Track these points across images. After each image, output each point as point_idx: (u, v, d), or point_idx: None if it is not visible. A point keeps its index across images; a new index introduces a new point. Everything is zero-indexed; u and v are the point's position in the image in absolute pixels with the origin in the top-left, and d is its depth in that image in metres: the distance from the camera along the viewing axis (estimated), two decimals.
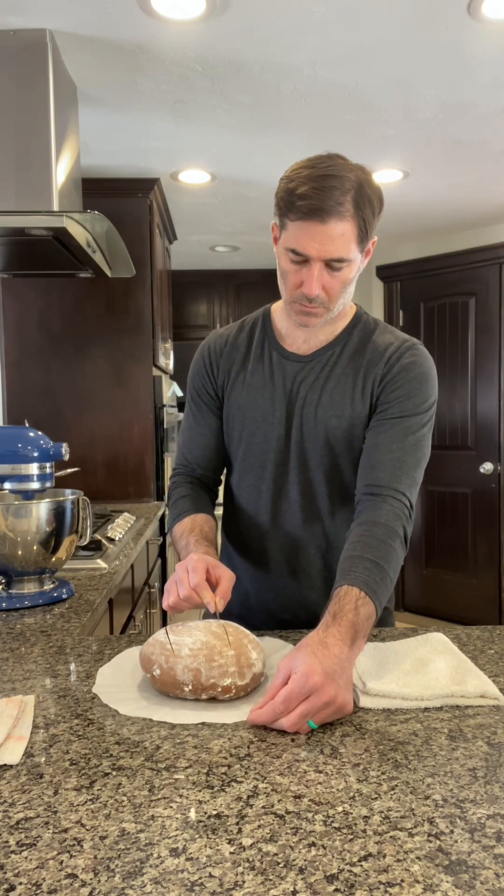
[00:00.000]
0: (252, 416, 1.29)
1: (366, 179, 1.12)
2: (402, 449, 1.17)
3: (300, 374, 1.27)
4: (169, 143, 2.68)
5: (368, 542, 1.07)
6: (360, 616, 0.95)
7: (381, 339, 1.26)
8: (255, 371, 1.30)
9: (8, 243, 2.10)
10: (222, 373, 1.34)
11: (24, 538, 1.38)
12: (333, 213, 1.08)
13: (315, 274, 1.13)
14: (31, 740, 0.82)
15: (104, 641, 1.17)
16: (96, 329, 3.08)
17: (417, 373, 1.22)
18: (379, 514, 1.11)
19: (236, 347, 1.34)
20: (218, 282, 4.84)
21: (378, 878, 0.58)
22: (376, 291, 4.64)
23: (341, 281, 1.15)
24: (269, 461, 1.29)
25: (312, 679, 0.83)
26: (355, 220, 1.10)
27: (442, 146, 2.77)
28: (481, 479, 4.16)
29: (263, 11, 1.81)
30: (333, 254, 1.11)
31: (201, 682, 0.90)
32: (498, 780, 0.72)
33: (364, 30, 1.91)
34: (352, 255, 1.13)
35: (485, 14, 1.84)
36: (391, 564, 1.06)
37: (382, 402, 1.22)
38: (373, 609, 0.98)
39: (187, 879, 0.57)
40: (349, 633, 0.92)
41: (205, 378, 1.35)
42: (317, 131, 2.59)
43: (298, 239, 1.11)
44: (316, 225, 1.09)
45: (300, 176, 1.10)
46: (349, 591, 0.98)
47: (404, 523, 1.13)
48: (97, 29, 1.89)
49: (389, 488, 1.15)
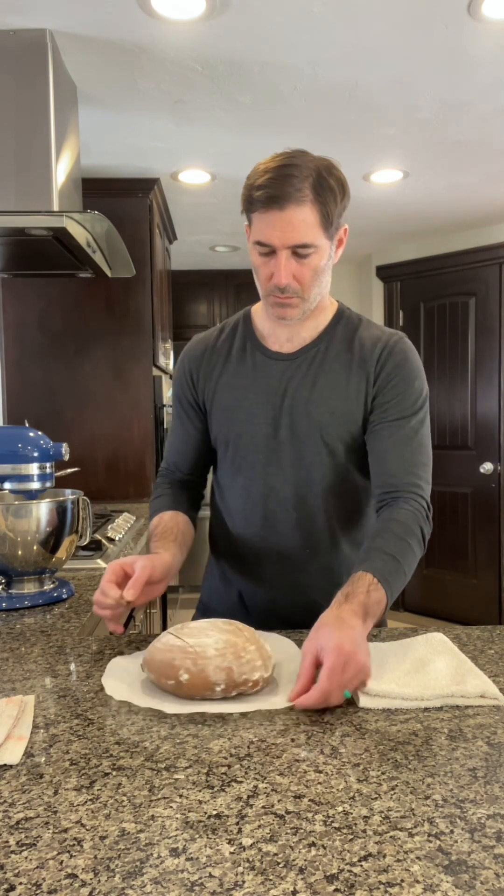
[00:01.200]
0: (238, 417, 1.29)
1: (326, 167, 1.13)
2: (411, 453, 1.22)
3: (287, 373, 1.26)
4: (169, 143, 2.68)
5: (387, 538, 1.12)
6: (370, 599, 0.99)
7: (367, 333, 1.27)
8: (239, 372, 1.30)
9: (8, 243, 2.10)
10: (202, 378, 1.33)
11: (24, 538, 1.38)
12: (291, 199, 1.09)
13: (282, 262, 1.13)
14: (31, 740, 0.82)
15: (104, 641, 1.17)
16: (96, 329, 3.08)
17: (409, 369, 1.24)
18: (398, 514, 1.16)
19: (217, 351, 1.33)
20: (218, 282, 4.84)
21: (378, 878, 0.58)
22: (376, 291, 4.64)
23: (311, 269, 1.16)
24: (259, 462, 1.28)
25: (345, 651, 0.88)
26: (316, 206, 1.11)
27: (442, 146, 2.77)
28: (481, 479, 4.16)
29: (263, 11, 1.81)
30: (296, 240, 1.12)
31: (234, 680, 0.90)
32: (498, 780, 0.72)
33: (364, 30, 1.91)
34: (317, 241, 1.13)
35: (485, 14, 1.84)
36: (407, 560, 1.10)
37: (381, 403, 1.23)
38: (384, 596, 1.01)
39: (187, 879, 0.57)
40: (360, 611, 0.96)
41: (184, 385, 1.36)
42: (317, 131, 2.59)
43: (262, 230, 1.13)
44: (275, 213, 1.10)
45: (259, 171, 1.13)
46: (363, 576, 1.02)
47: (422, 524, 1.17)
48: (97, 29, 1.89)
49: (407, 491, 1.19)
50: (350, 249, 4.51)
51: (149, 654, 0.95)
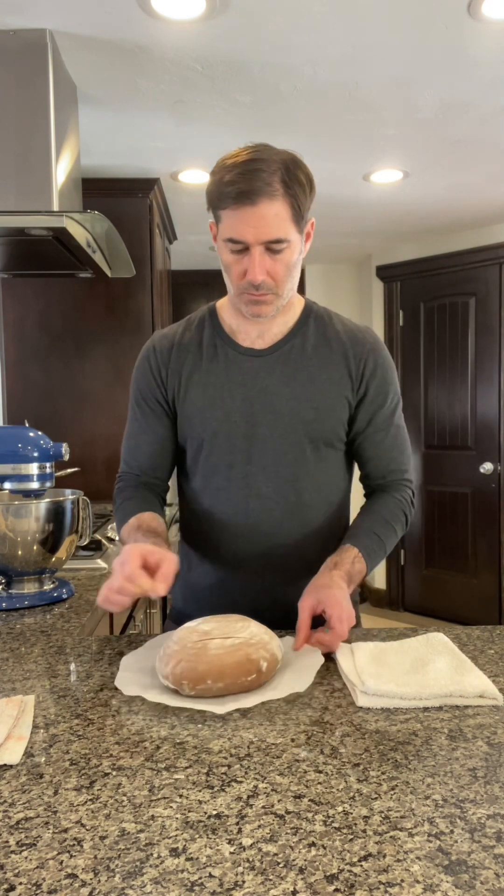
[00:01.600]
0: (213, 416, 1.25)
1: (292, 160, 1.13)
2: (398, 450, 1.32)
3: (263, 369, 1.24)
4: (169, 143, 2.68)
5: (375, 519, 1.26)
6: (354, 568, 1.16)
7: (341, 328, 1.29)
8: (210, 370, 1.26)
9: (8, 243, 2.10)
10: (172, 376, 1.28)
11: (24, 538, 1.38)
12: (263, 193, 1.08)
13: (256, 259, 1.12)
14: (31, 740, 0.82)
15: (104, 641, 1.17)
16: (96, 329, 3.07)
17: (388, 364, 1.30)
18: (388, 500, 1.30)
19: (184, 348, 1.29)
20: (218, 282, 4.77)
21: (378, 878, 0.58)
22: (376, 291, 4.64)
23: (284, 264, 1.14)
24: (237, 461, 1.25)
25: (343, 606, 1.05)
26: (287, 199, 1.10)
27: (442, 146, 2.77)
28: (481, 479, 4.16)
29: (263, 11, 1.81)
30: (270, 235, 1.10)
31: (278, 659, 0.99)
32: (498, 780, 0.72)
33: (364, 30, 1.91)
34: (290, 236, 1.12)
35: (485, 14, 1.84)
36: (389, 540, 1.26)
37: (367, 403, 1.27)
38: (364, 567, 1.19)
39: (187, 879, 0.57)
40: (346, 578, 1.13)
41: (151, 382, 1.30)
42: (317, 131, 2.59)
43: (234, 227, 1.11)
44: (247, 208, 1.09)
45: (225, 166, 1.11)
46: (350, 549, 1.19)
47: (406, 510, 1.30)
48: (97, 29, 1.89)
49: (397, 482, 1.32)
50: (350, 249, 4.51)
51: (204, 665, 0.91)
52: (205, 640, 0.94)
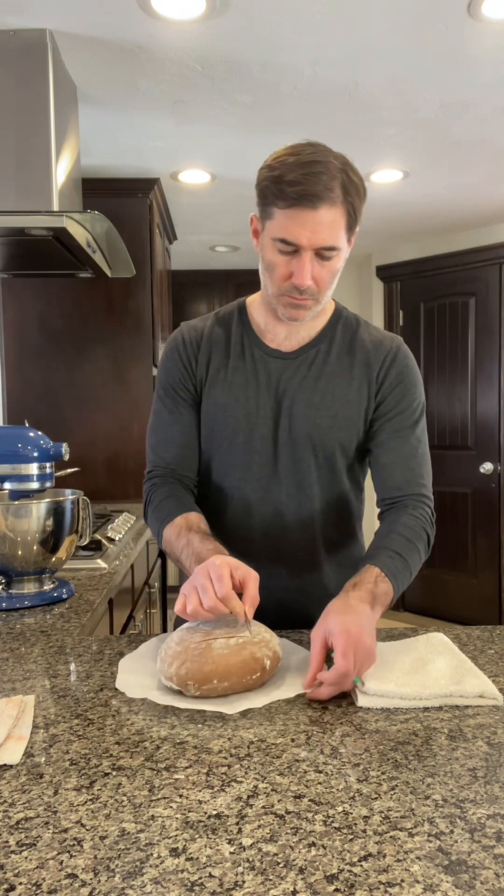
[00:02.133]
0: (234, 414, 1.24)
1: (349, 165, 1.10)
2: (418, 464, 1.24)
3: (286, 372, 1.23)
4: (169, 143, 2.68)
5: (395, 539, 1.14)
6: (378, 589, 1.02)
7: (367, 336, 1.26)
8: (237, 368, 1.25)
9: (8, 243, 2.10)
10: (201, 366, 1.26)
11: (24, 538, 1.38)
12: (325, 198, 1.05)
13: (306, 264, 1.09)
14: (31, 740, 0.82)
15: (104, 641, 1.17)
16: (96, 329, 3.08)
17: (412, 377, 1.25)
18: (407, 519, 1.18)
19: (213, 341, 1.27)
20: (218, 282, 4.84)
21: (378, 878, 0.58)
22: (376, 291, 4.64)
23: (330, 271, 1.12)
24: (254, 462, 1.24)
25: (352, 634, 0.91)
26: (345, 207, 1.08)
27: (442, 146, 2.77)
28: (481, 479, 4.16)
29: (263, 11, 1.81)
30: (325, 242, 1.08)
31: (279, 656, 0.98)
32: (498, 780, 0.72)
33: (364, 30, 1.91)
34: (341, 244, 1.11)
35: (485, 14, 1.84)
36: (413, 560, 1.13)
37: (385, 411, 1.23)
38: (390, 588, 1.04)
39: (187, 879, 0.57)
40: (368, 598, 1.00)
41: (182, 372, 1.27)
42: (317, 131, 2.59)
43: (289, 228, 1.07)
44: (307, 212, 1.06)
45: (286, 163, 1.06)
46: (371, 569, 1.06)
47: (428, 529, 1.20)
48: (97, 29, 1.89)
49: (415, 499, 1.22)
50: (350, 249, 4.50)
51: (210, 665, 0.91)
52: (208, 641, 0.94)
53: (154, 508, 1.25)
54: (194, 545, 1.11)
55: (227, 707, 0.88)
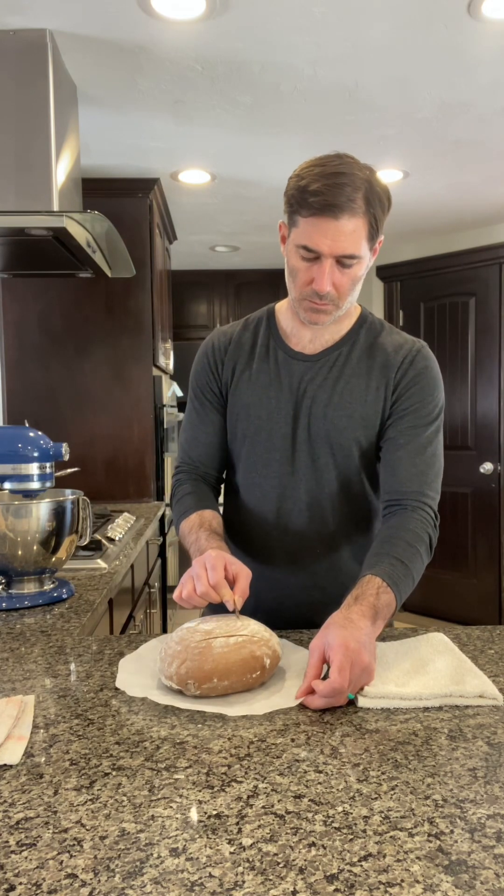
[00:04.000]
0: (257, 413, 1.29)
1: (374, 178, 1.14)
2: (424, 462, 1.22)
3: (308, 374, 1.27)
4: (169, 143, 2.68)
5: (396, 543, 1.13)
6: (380, 601, 1.01)
7: (389, 340, 1.28)
8: (261, 369, 1.30)
9: (8, 243, 2.10)
10: (227, 370, 1.33)
11: (24, 538, 1.38)
12: (346, 209, 1.09)
13: (326, 270, 1.13)
14: (31, 740, 0.82)
15: (104, 641, 1.17)
16: (96, 329, 3.08)
17: (430, 378, 1.26)
18: (407, 521, 1.17)
19: (241, 346, 1.33)
20: (218, 282, 4.84)
21: (378, 878, 0.58)
22: (376, 291, 4.64)
23: (351, 278, 1.16)
24: (274, 460, 1.28)
25: (350, 649, 0.90)
26: (366, 217, 1.12)
27: (442, 146, 2.77)
28: (481, 479, 4.16)
29: (263, 11, 1.81)
30: (345, 250, 1.12)
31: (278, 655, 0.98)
32: (498, 780, 0.72)
33: (364, 30, 1.91)
34: (362, 252, 1.14)
35: (485, 14, 1.84)
36: (415, 566, 1.11)
37: (398, 410, 1.24)
38: (393, 599, 1.03)
39: (187, 879, 0.57)
40: (370, 612, 0.99)
41: (209, 375, 1.35)
42: (317, 131, 2.59)
43: (311, 235, 1.12)
44: (329, 221, 1.10)
45: (312, 173, 1.11)
46: (372, 579, 1.04)
47: (430, 531, 1.19)
48: (97, 29, 1.89)
49: (416, 500, 1.21)
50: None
51: (210, 664, 0.92)
52: (208, 640, 0.94)
53: (176, 502, 1.34)
54: (201, 542, 1.18)
55: (227, 709, 0.88)
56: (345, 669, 0.88)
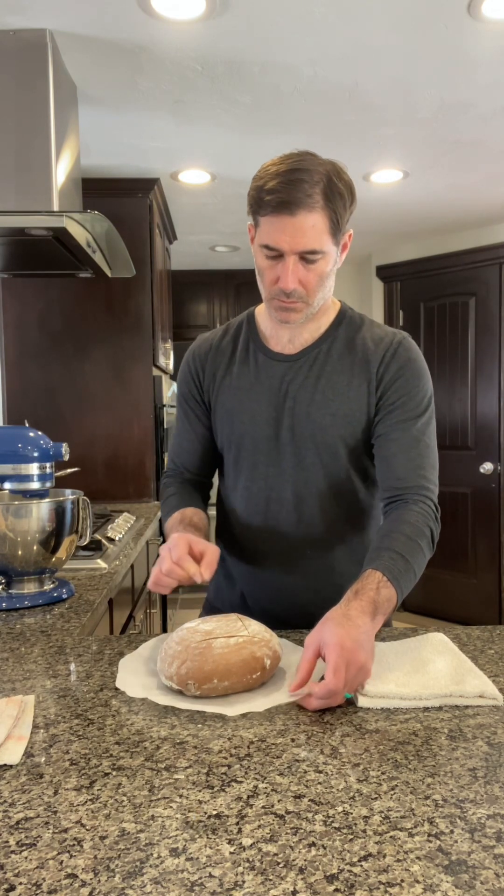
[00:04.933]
0: (240, 418, 1.28)
1: (336, 172, 1.12)
2: (419, 455, 1.21)
3: (288, 374, 1.26)
4: (169, 143, 2.68)
5: (396, 538, 1.11)
6: (380, 596, 0.99)
7: (370, 334, 1.26)
8: (241, 373, 1.30)
9: (8, 243, 2.10)
10: (208, 377, 1.33)
11: (24, 538, 1.38)
12: (302, 204, 1.08)
13: (290, 268, 1.12)
14: (31, 740, 0.82)
15: (104, 641, 1.17)
16: (96, 329, 3.08)
17: (414, 369, 1.24)
18: (408, 515, 1.15)
19: (221, 351, 1.33)
20: (218, 282, 4.84)
21: (378, 878, 0.58)
22: (376, 291, 4.64)
23: (317, 274, 1.15)
24: (260, 463, 1.28)
25: (346, 648, 0.88)
26: (326, 212, 1.10)
27: (442, 146, 2.77)
28: (481, 479, 4.16)
29: (263, 11, 1.81)
30: (306, 246, 1.11)
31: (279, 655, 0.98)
32: (498, 780, 0.72)
33: (364, 30, 1.91)
34: (325, 248, 1.13)
35: (485, 14, 1.84)
36: (416, 560, 1.10)
37: (385, 404, 1.22)
38: (393, 593, 1.02)
39: (187, 879, 0.57)
40: (369, 608, 0.97)
41: (191, 384, 1.36)
42: (317, 131, 2.59)
43: (270, 234, 1.12)
44: (286, 218, 1.09)
45: (269, 173, 1.11)
46: (372, 573, 1.03)
47: (431, 524, 1.17)
48: (97, 29, 1.89)
49: (416, 493, 1.19)
50: (350, 249, 4.50)
51: (210, 664, 0.92)
52: (209, 640, 0.94)
53: (162, 504, 1.38)
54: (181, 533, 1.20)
55: (227, 709, 0.88)
56: (340, 670, 0.86)
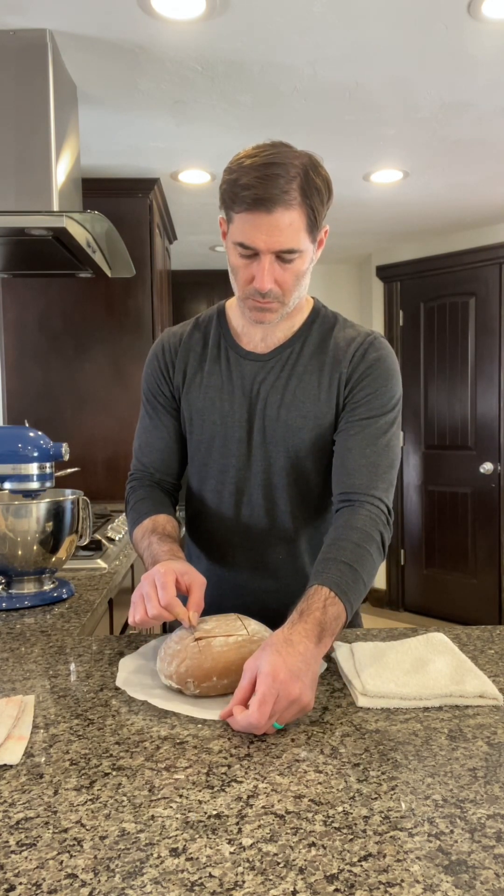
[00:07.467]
0: (211, 419, 1.24)
1: (312, 166, 1.07)
2: (375, 453, 1.15)
3: (260, 374, 1.22)
4: (169, 143, 2.68)
5: (343, 546, 1.04)
6: (327, 615, 0.93)
7: (342, 334, 1.23)
8: (213, 372, 1.25)
9: (8, 243, 2.10)
10: (178, 373, 1.28)
11: (24, 538, 1.38)
12: (280, 201, 1.03)
13: (266, 267, 1.08)
14: (31, 740, 0.82)
15: (104, 641, 1.17)
16: (96, 329, 3.08)
17: (383, 369, 1.19)
18: (356, 520, 1.09)
19: (191, 347, 1.28)
20: (218, 282, 4.84)
21: (378, 878, 0.58)
22: (376, 291, 4.64)
23: (294, 273, 1.11)
24: (231, 465, 1.24)
25: (279, 680, 0.81)
26: (303, 209, 1.05)
27: (442, 146, 2.77)
28: (481, 479, 4.16)
29: (263, 11, 1.81)
30: (283, 245, 1.06)
31: None
32: (498, 780, 0.72)
33: (364, 29, 1.91)
34: (303, 246, 1.08)
35: (485, 14, 1.84)
36: (365, 568, 1.03)
37: (350, 402, 1.19)
38: (342, 609, 0.96)
39: (187, 879, 0.57)
40: (315, 631, 0.90)
41: (160, 379, 1.29)
42: (317, 131, 2.59)
43: (245, 231, 1.06)
44: (262, 216, 1.04)
45: (243, 166, 1.05)
46: (319, 590, 0.96)
47: (381, 528, 1.10)
48: (97, 29, 1.89)
49: (366, 494, 1.12)
50: (350, 249, 4.51)
51: (209, 662, 0.92)
52: (208, 639, 0.94)
53: (129, 509, 1.29)
54: (153, 547, 1.13)
55: None
56: (266, 703, 0.79)
